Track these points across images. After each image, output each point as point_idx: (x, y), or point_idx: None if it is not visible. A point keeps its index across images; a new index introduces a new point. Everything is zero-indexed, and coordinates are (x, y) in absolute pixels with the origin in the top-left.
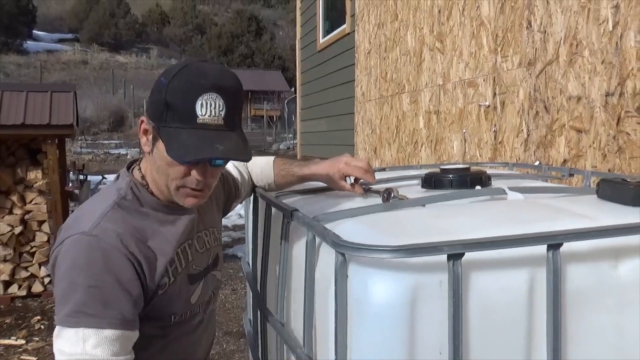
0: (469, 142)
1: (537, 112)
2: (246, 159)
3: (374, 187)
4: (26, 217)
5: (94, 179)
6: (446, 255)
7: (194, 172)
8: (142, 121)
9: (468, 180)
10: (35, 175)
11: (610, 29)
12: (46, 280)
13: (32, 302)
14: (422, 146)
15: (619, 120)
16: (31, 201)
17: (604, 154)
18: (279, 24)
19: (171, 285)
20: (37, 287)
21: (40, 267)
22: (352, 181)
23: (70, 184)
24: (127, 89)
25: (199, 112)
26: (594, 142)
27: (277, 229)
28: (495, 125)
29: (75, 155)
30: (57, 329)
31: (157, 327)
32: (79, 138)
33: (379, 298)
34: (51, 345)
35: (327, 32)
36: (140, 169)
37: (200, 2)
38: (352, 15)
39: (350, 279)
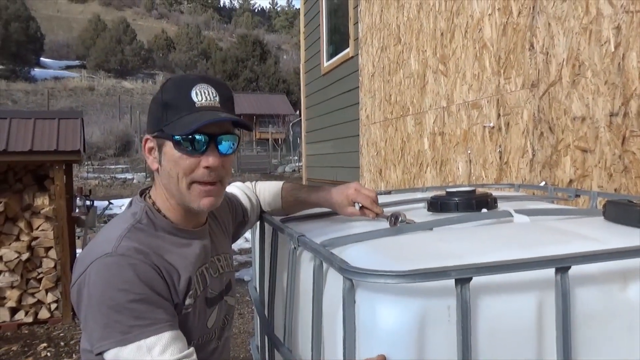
0: (474, 162)
1: (541, 133)
2: (248, 125)
3: None
4: (33, 243)
5: (100, 204)
6: (454, 280)
7: (203, 161)
8: (146, 140)
9: (474, 203)
10: (42, 202)
11: (613, 49)
12: (52, 306)
13: (39, 328)
14: (427, 167)
15: (624, 139)
16: (38, 227)
17: (609, 173)
18: (283, 48)
19: (193, 307)
20: (43, 314)
21: (47, 294)
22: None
23: (77, 210)
24: (133, 114)
25: (195, 99)
26: (599, 162)
27: (284, 254)
28: (500, 146)
29: (82, 180)
30: (113, 352)
31: None
32: (86, 163)
33: (387, 323)
34: None
35: (330, 55)
36: (150, 196)
37: (205, 28)
38: (356, 39)
39: (358, 304)
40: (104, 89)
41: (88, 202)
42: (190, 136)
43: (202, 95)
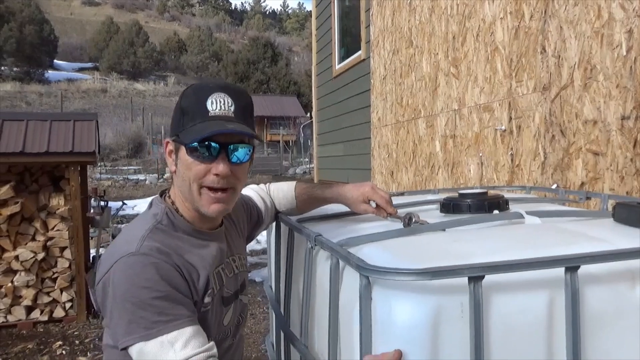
0: (486, 165)
1: (553, 136)
2: (255, 135)
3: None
4: (48, 243)
5: (114, 205)
6: (467, 277)
7: (213, 168)
8: (167, 143)
9: (486, 204)
10: (57, 202)
11: (624, 53)
12: (67, 305)
13: (54, 327)
14: (439, 170)
15: (635, 143)
16: (53, 227)
17: (621, 176)
18: (294, 50)
19: (211, 305)
20: (58, 313)
21: (62, 293)
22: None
23: (91, 210)
24: (145, 116)
25: (209, 107)
26: (611, 165)
27: (300, 253)
28: (512, 149)
29: (95, 181)
30: (137, 347)
31: None
32: (99, 164)
33: (402, 319)
34: None
35: (342, 58)
36: (170, 196)
37: (216, 30)
38: (367, 42)
39: (374, 301)
40: (116, 90)
41: (102, 203)
42: (202, 145)
43: (217, 104)
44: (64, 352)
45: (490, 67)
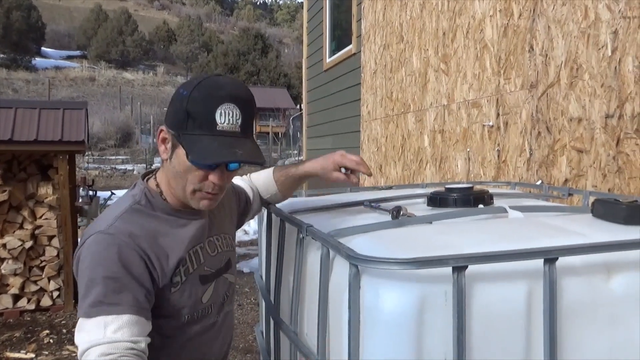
0: (473, 160)
1: (539, 133)
2: (261, 162)
3: (383, 205)
4: (36, 232)
5: (102, 194)
6: (451, 267)
7: (211, 177)
8: (162, 130)
9: (471, 199)
10: (46, 191)
11: (610, 54)
12: (55, 294)
13: (41, 315)
14: (426, 164)
15: (618, 141)
16: (41, 216)
17: (604, 174)
18: (284, 41)
19: (183, 284)
20: (46, 301)
21: (49, 281)
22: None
23: (80, 200)
24: (134, 105)
25: (218, 120)
26: (594, 162)
27: (291, 243)
28: (498, 144)
29: (83, 170)
30: (79, 322)
31: (172, 326)
32: (86, 154)
33: (389, 306)
34: (60, 358)
35: (333, 52)
36: (155, 178)
37: (206, 20)
38: (358, 36)
39: (363, 289)
40: (104, 79)
41: (91, 193)
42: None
43: (226, 117)
44: (51, 340)
45: (479, 64)
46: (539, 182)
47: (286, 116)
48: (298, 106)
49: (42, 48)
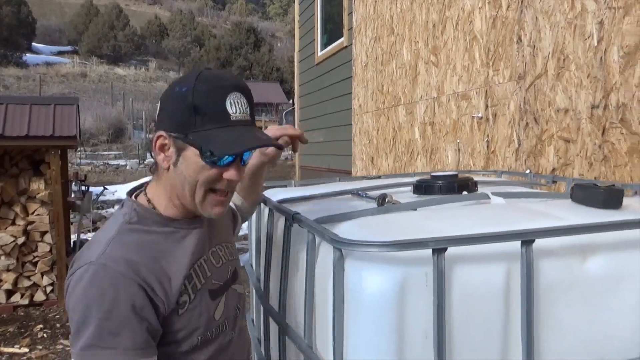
0: (463, 151)
1: (527, 123)
2: (281, 145)
3: (370, 193)
4: (29, 227)
5: (95, 190)
6: (431, 249)
7: (227, 173)
8: (160, 137)
9: (455, 186)
10: (38, 186)
11: (595, 44)
12: (48, 289)
13: (34, 310)
14: (417, 156)
15: (604, 130)
16: (34, 212)
17: (590, 162)
18: (277, 35)
19: (192, 303)
20: (39, 296)
21: (42, 277)
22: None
23: (72, 195)
24: (126, 101)
25: (230, 110)
26: (580, 152)
27: (279, 231)
28: (487, 135)
29: (75, 166)
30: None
31: (184, 352)
32: (79, 149)
33: (372, 288)
34: (55, 353)
35: (324, 45)
36: (146, 193)
37: (198, 14)
38: (350, 29)
39: (347, 271)
40: (96, 75)
41: (83, 188)
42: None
43: (237, 107)
44: (45, 335)
45: (469, 56)
46: (527, 172)
47: (279, 111)
48: (290, 101)
49: (33, 44)
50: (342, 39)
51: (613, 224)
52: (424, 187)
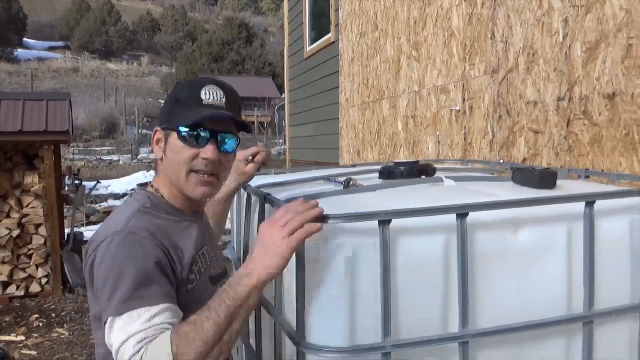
0: (442, 143)
1: (500, 116)
2: (249, 130)
3: (340, 178)
4: (23, 220)
5: (88, 184)
6: (377, 221)
7: (202, 153)
8: (155, 132)
9: (415, 171)
10: (32, 180)
11: (561, 40)
12: (43, 281)
13: (30, 301)
14: (400, 148)
15: (568, 122)
16: (28, 205)
17: (556, 152)
18: (269, 30)
19: (198, 282)
20: (34, 288)
21: (37, 269)
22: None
23: (66, 188)
24: (118, 96)
25: (203, 97)
26: (548, 142)
27: (257, 213)
28: (464, 128)
29: (68, 161)
30: (109, 321)
31: None
32: (71, 145)
33: (330, 255)
34: (50, 340)
35: (313, 40)
36: (152, 185)
37: (190, 9)
38: (337, 25)
39: (307, 241)
40: (88, 70)
41: (77, 181)
42: (194, 130)
43: (210, 94)
44: (40, 324)
45: (447, 51)
46: (501, 162)
47: (271, 105)
48: (283, 95)
49: (24, 39)
50: (329, 35)
51: (533, 200)
52: (387, 173)
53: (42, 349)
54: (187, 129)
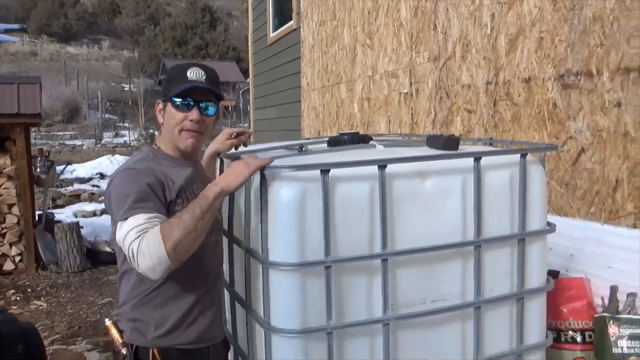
0: (393, 123)
1: (441, 98)
2: (220, 96)
3: (296, 146)
4: None
5: (58, 167)
6: (319, 170)
7: (189, 115)
8: (158, 104)
9: (355, 139)
10: (4, 162)
11: (489, 32)
12: (17, 259)
13: (4, 279)
14: (357, 128)
15: (495, 102)
16: (1, 186)
17: (485, 129)
18: (233, 14)
19: (183, 206)
20: (8, 265)
21: (11, 247)
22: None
23: (38, 169)
24: (80, 80)
25: (189, 75)
26: (479, 120)
27: None
28: (412, 108)
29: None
30: (118, 225)
31: None
32: (33, 129)
33: (283, 198)
34: (29, 311)
35: (276, 27)
36: (155, 144)
37: None
38: (298, 13)
39: (270, 188)
40: (47, 54)
41: (48, 163)
42: (182, 100)
43: (194, 73)
44: (18, 298)
45: (397, 40)
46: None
47: (236, 90)
48: (247, 80)
49: None
50: (291, 22)
51: (433, 156)
52: (334, 141)
53: (23, 319)
54: (179, 99)
